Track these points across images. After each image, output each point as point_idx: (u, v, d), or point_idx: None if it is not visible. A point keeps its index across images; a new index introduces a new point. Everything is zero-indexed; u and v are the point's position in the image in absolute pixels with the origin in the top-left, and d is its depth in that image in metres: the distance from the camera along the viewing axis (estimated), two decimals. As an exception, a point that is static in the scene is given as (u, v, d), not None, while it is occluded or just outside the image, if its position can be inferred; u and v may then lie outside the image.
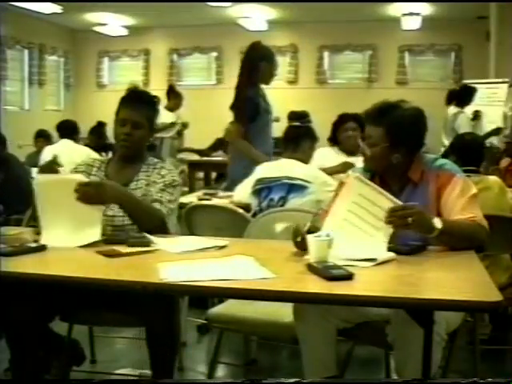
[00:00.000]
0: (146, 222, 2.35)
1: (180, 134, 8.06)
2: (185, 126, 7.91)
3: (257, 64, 4.14)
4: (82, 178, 2.31)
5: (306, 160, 3.48)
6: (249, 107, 4.10)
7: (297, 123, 3.68)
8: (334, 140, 4.25)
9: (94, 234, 2.24)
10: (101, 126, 7.09)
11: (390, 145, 2.25)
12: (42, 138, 6.64)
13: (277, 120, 4.85)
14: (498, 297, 1.58)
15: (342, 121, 4.20)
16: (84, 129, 6.40)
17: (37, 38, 10.34)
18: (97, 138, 6.52)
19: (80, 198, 2.22)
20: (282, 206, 3.23)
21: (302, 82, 10.77)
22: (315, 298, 1.77)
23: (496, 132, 6.45)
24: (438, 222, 2.06)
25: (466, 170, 2.84)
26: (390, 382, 2.75)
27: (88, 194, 2.23)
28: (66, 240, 2.21)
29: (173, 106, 7.63)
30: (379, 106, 2.32)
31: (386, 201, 2.08)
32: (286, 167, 3.36)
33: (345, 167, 3.74)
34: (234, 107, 4.18)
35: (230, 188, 3.83)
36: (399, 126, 2.25)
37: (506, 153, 4.38)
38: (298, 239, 2.03)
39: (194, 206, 3.36)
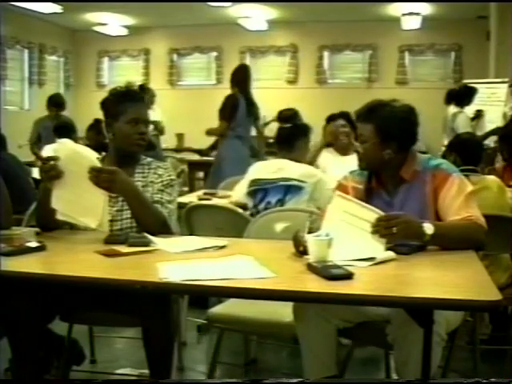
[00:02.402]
0: (149, 222, 2.35)
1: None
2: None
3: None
4: (97, 162, 2.30)
5: (301, 158, 3.48)
6: None
7: (288, 124, 3.71)
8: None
9: (91, 220, 2.31)
10: (98, 122, 7.08)
11: (381, 140, 2.26)
12: (55, 107, 6.76)
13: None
14: (497, 296, 1.58)
15: (330, 119, 4.32)
16: (84, 129, 6.39)
17: (37, 37, 10.34)
18: (95, 134, 6.51)
19: (91, 179, 2.25)
20: (280, 208, 3.22)
21: (302, 82, 10.77)
22: (315, 298, 1.77)
23: (496, 132, 6.43)
24: (428, 228, 2.05)
25: (465, 169, 2.85)
26: (389, 382, 2.75)
27: (99, 177, 2.24)
28: (66, 209, 2.32)
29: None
30: (369, 104, 2.34)
31: (370, 213, 2.08)
32: (282, 168, 3.36)
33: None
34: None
35: None
36: (388, 121, 2.26)
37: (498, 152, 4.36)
38: (301, 249, 2.03)
39: (193, 206, 3.36)
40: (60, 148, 2.36)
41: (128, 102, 2.52)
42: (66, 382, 2.60)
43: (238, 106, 5.44)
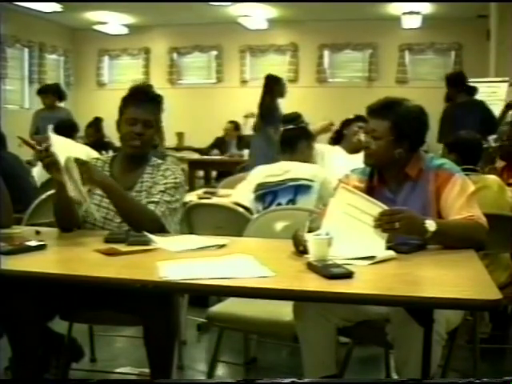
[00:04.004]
0: (136, 220, 2.34)
1: None
2: None
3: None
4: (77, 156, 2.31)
5: (305, 160, 3.48)
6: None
7: (291, 126, 3.72)
8: (336, 139, 4.34)
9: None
10: (98, 120, 7.04)
11: (395, 138, 2.26)
12: (51, 94, 6.70)
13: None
14: (497, 295, 1.58)
15: (354, 120, 4.28)
16: (84, 127, 6.38)
17: (37, 36, 10.34)
18: (94, 132, 6.48)
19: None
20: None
21: (302, 81, 10.77)
22: (315, 297, 1.77)
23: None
24: (431, 225, 2.06)
25: (465, 168, 2.85)
26: (390, 382, 2.75)
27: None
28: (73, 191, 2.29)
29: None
30: (384, 100, 2.33)
31: (374, 207, 2.08)
32: (288, 170, 3.36)
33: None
34: None
35: None
36: (405, 120, 2.26)
37: (499, 154, 4.36)
38: (301, 248, 2.03)
39: (194, 205, 3.37)
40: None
41: (130, 101, 2.52)
42: (66, 382, 2.60)
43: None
